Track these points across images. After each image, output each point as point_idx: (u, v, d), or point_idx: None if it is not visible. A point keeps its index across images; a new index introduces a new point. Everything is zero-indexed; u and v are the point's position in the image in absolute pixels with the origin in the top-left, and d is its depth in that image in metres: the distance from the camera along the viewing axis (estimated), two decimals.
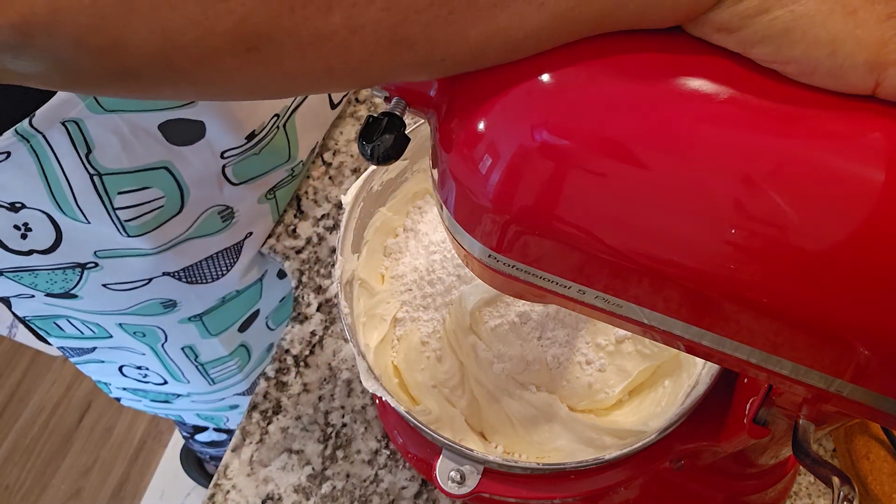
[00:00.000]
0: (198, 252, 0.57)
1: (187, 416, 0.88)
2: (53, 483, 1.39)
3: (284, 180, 0.61)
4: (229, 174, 0.54)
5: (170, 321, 0.63)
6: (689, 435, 0.42)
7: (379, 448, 0.54)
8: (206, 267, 0.59)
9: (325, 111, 0.64)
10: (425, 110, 0.29)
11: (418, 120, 0.48)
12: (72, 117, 0.42)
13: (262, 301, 0.69)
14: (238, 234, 0.60)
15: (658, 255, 0.25)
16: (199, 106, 0.47)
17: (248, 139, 0.52)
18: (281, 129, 0.56)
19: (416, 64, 0.23)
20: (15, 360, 1.51)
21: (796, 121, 0.23)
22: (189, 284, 0.59)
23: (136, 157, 0.47)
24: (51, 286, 0.54)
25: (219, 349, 0.68)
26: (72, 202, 0.47)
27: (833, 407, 0.29)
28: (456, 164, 0.27)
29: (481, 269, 0.30)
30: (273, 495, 0.52)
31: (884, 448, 0.49)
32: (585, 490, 0.44)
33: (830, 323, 0.24)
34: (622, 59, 0.24)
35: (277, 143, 0.56)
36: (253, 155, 0.54)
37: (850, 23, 0.22)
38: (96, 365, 0.71)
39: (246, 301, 0.67)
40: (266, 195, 0.59)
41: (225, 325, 0.67)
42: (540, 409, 0.47)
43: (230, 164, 0.53)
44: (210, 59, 0.21)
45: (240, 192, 0.56)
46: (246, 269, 0.64)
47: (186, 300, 0.61)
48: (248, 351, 0.73)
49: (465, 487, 0.41)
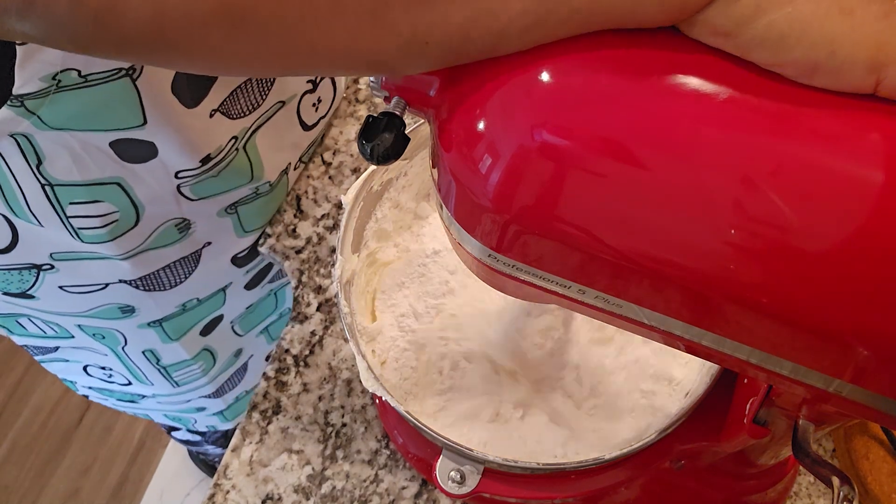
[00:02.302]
0: (154, 262, 0.57)
1: (155, 416, 0.87)
2: (52, 483, 1.39)
3: (247, 197, 0.59)
4: (186, 192, 0.53)
5: (128, 325, 0.62)
6: (689, 435, 0.42)
7: (379, 448, 0.54)
8: (164, 275, 0.58)
9: (296, 131, 0.62)
10: (425, 110, 0.29)
11: (418, 120, 0.48)
12: (20, 131, 0.42)
13: (226, 307, 0.68)
14: (196, 243, 0.59)
15: (658, 256, 0.25)
16: (150, 127, 0.46)
17: (203, 162, 0.51)
18: (241, 150, 0.55)
19: (400, 48, 0.24)
20: (14, 359, 1.51)
21: (796, 121, 0.23)
22: (146, 291, 0.59)
23: (87, 172, 0.46)
24: (7, 285, 0.54)
25: (180, 353, 0.68)
26: (25, 207, 0.46)
27: (833, 407, 0.29)
28: (456, 164, 0.27)
29: (481, 268, 0.30)
30: (273, 495, 0.52)
31: (883, 448, 0.49)
32: (585, 490, 0.44)
33: (830, 323, 0.24)
34: (622, 59, 0.24)
35: (237, 164, 0.55)
36: (211, 177, 0.53)
37: (847, 23, 0.22)
38: (61, 364, 0.70)
39: (207, 308, 0.66)
40: (227, 209, 0.58)
41: (185, 329, 0.66)
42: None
43: (186, 184, 0.52)
44: (197, 31, 0.22)
45: (198, 206, 0.55)
46: (206, 277, 0.62)
47: (144, 306, 0.60)
48: (212, 355, 0.72)
49: (465, 487, 0.41)
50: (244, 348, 0.76)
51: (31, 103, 0.40)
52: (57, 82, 0.40)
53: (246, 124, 0.54)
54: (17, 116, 0.41)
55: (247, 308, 0.71)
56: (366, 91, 0.71)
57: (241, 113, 0.53)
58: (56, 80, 0.40)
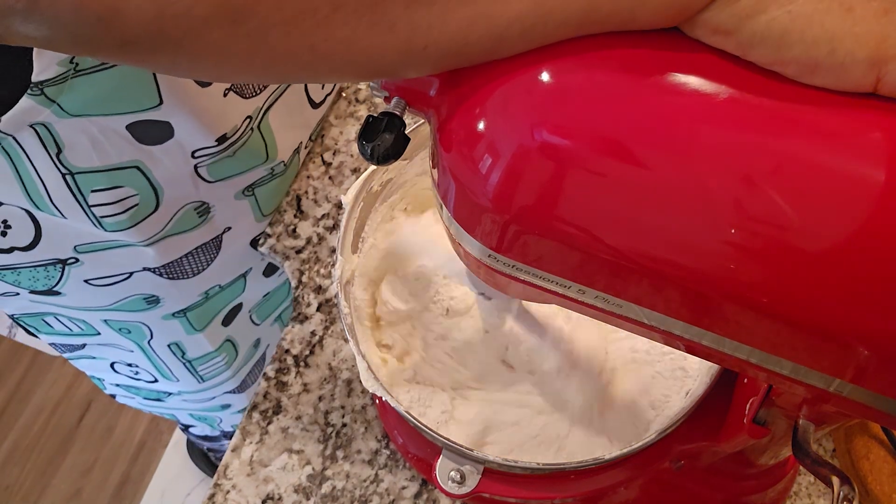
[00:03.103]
0: (177, 248, 0.57)
1: (181, 416, 0.87)
2: (54, 483, 1.39)
3: (263, 178, 0.60)
4: (203, 173, 0.54)
5: (154, 317, 0.62)
6: (689, 435, 0.42)
7: (379, 448, 0.54)
8: (187, 263, 0.59)
9: (305, 110, 0.64)
10: (425, 110, 0.29)
11: (418, 120, 0.48)
12: (40, 121, 0.42)
13: (245, 294, 0.69)
14: (216, 228, 0.59)
15: (658, 256, 0.25)
16: (166, 107, 0.46)
17: (220, 142, 0.52)
18: (255, 130, 0.56)
19: (399, 50, 0.24)
20: (15, 360, 1.51)
21: (796, 120, 0.23)
22: (170, 280, 0.59)
23: (106, 157, 0.47)
24: (34, 283, 0.54)
25: (205, 345, 0.68)
26: (47, 200, 0.47)
27: (833, 407, 0.29)
28: (456, 164, 0.27)
29: (481, 268, 0.30)
30: (273, 495, 0.52)
31: (884, 448, 0.49)
32: (585, 490, 0.44)
33: (830, 323, 0.24)
34: (622, 59, 0.24)
35: (252, 145, 0.56)
36: (227, 157, 0.54)
37: (847, 20, 0.22)
38: (88, 361, 0.71)
39: (229, 295, 0.67)
40: (244, 192, 0.59)
41: (209, 318, 0.66)
42: None
43: (203, 164, 0.53)
44: (199, 29, 0.22)
45: (215, 188, 0.56)
46: (227, 263, 0.63)
47: (169, 296, 0.61)
48: (234, 346, 0.72)
49: (465, 487, 0.41)
50: (261, 338, 0.77)
51: (50, 90, 0.41)
52: (75, 66, 0.40)
53: (258, 103, 0.55)
54: (38, 105, 0.41)
55: (264, 296, 0.72)
56: (366, 91, 0.71)
57: (253, 92, 0.54)
58: (74, 62, 0.40)
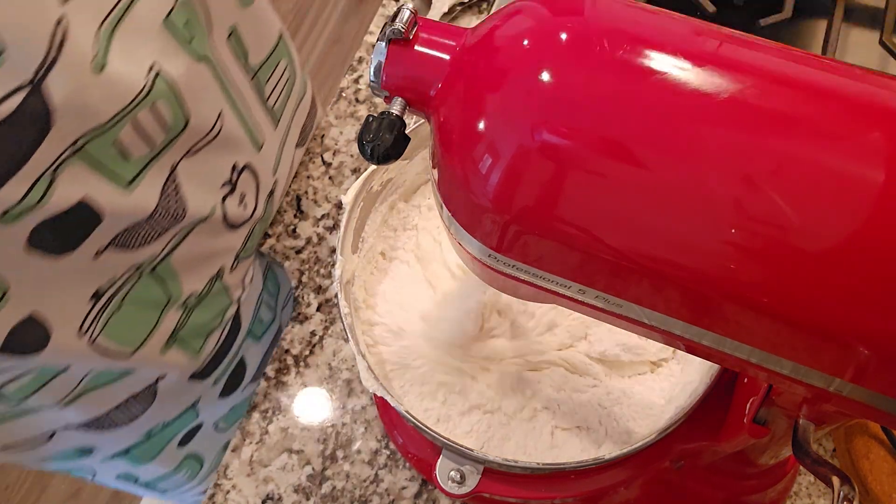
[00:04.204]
0: (101, 403, 0.49)
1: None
2: (53, 483, 1.39)
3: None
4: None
5: (92, 462, 0.56)
6: (689, 435, 0.42)
7: (379, 448, 0.54)
8: (116, 415, 0.51)
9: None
10: (425, 110, 0.29)
11: (418, 120, 0.48)
12: None
13: (203, 416, 0.61)
14: (145, 379, 0.51)
15: (658, 255, 0.25)
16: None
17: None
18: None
19: None
20: None
21: (796, 120, 0.23)
22: (99, 431, 0.51)
23: None
24: None
25: (159, 469, 0.61)
26: None
27: (833, 407, 0.29)
28: (456, 164, 0.27)
29: (482, 268, 0.30)
30: (273, 495, 0.52)
31: (884, 448, 0.49)
32: (585, 490, 0.44)
33: (831, 323, 0.24)
34: (622, 58, 0.24)
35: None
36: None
37: None
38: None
39: (178, 426, 0.59)
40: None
41: (157, 450, 0.58)
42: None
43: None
44: None
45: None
46: (167, 404, 0.55)
47: (103, 444, 0.53)
48: (198, 460, 0.64)
49: (465, 487, 0.41)
50: (231, 439, 0.64)
51: None
52: None
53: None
54: None
55: (230, 409, 0.63)
56: (366, 91, 0.71)
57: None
58: None
